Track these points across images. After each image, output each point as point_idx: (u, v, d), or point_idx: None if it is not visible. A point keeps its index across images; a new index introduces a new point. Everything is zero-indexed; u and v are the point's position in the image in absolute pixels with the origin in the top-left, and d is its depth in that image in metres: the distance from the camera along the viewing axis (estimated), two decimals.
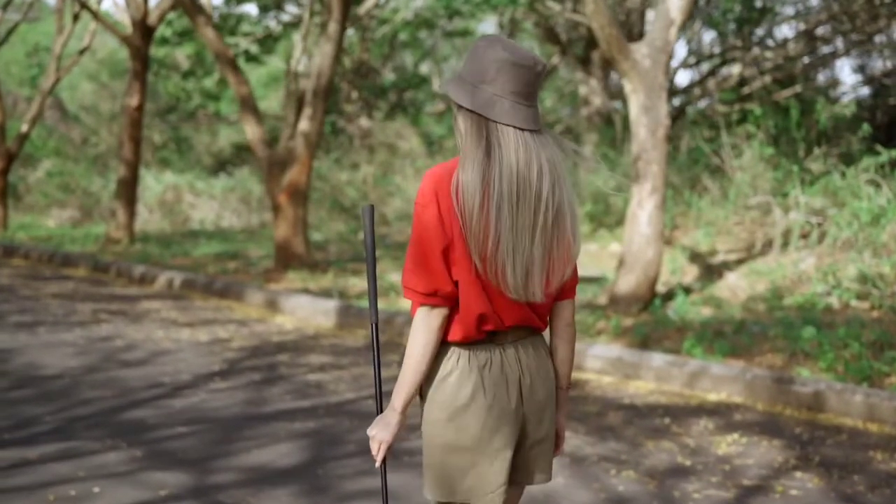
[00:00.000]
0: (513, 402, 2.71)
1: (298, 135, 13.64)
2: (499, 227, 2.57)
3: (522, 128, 2.61)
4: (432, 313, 2.66)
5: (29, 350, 8.70)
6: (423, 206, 2.63)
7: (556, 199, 2.63)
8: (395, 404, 2.72)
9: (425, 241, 2.62)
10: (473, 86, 2.63)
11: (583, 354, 8.29)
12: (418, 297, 2.65)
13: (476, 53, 2.65)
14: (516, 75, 2.60)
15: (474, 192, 2.55)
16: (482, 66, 2.63)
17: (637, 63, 10.18)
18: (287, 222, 13.71)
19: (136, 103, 17.45)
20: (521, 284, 2.62)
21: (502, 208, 2.56)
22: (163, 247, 17.00)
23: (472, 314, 2.65)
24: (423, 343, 2.67)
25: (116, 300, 11.91)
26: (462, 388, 2.68)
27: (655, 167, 10.18)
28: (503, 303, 2.67)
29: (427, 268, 2.62)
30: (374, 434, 2.74)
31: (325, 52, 13.44)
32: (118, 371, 7.94)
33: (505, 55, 2.60)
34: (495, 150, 2.58)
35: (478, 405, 2.67)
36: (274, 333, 9.99)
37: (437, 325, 2.67)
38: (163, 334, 9.70)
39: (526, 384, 2.74)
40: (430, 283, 2.63)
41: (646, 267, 10.17)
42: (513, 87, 2.61)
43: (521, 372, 2.74)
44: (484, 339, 2.72)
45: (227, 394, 7.23)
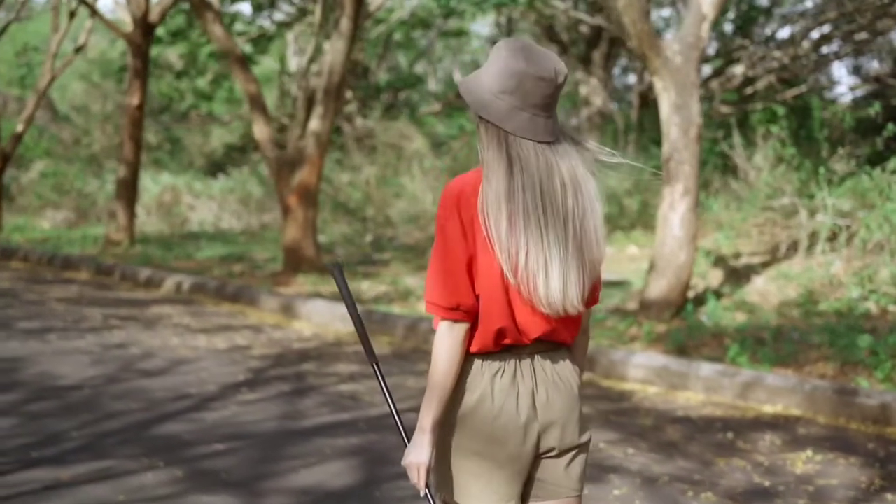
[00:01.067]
0: (522, 416, 2.63)
1: (309, 134, 13.28)
2: (528, 241, 2.53)
3: (540, 140, 2.58)
4: (455, 327, 2.60)
5: (42, 358, 8.32)
6: (445, 218, 2.58)
7: (581, 207, 2.59)
8: (423, 424, 2.63)
9: (447, 255, 2.58)
10: (494, 95, 2.57)
11: (624, 363, 7.95)
12: (440, 311, 2.59)
13: (498, 61, 2.59)
14: (537, 88, 2.56)
15: (499, 205, 2.52)
16: (503, 77, 2.57)
17: (668, 60, 9.85)
18: (297, 224, 13.34)
19: (136, 102, 17.06)
20: (559, 298, 2.56)
21: (530, 221, 2.53)
22: (164, 249, 16.61)
23: (491, 328, 2.60)
24: (448, 359, 2.60)
25: (125, 305, 11.52)
26: (470, 392, 2.63)
27: (687, 168, 9.85)
28: (528, 317, 2.61)
29: (449, 281, 2.57)
30: (409, 461, 2.65)
31: (336, 49, 13.08)
32: (139, 381, 7.57)
33: (527, 67, 2.55)
34: (516, 164, 2.55)
35: (483, 412, 2.62)
36: (294, 340, 9.62)
37: (461, 340, 2.60)
38: (178, 341, 9.33)
39: (540, 398, 2.65)
40: (452, 297, 2.57)
41: (678, 271, 9.83)
42: (532, 100, 2.56)
43: (535, 385, 2.66)
44: (500, 350, 2.65)
45: (259, 406, 6.87)
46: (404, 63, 33.58)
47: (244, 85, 13.60)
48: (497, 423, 2.61)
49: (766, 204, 13.22)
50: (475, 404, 2.62)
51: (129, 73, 17.21)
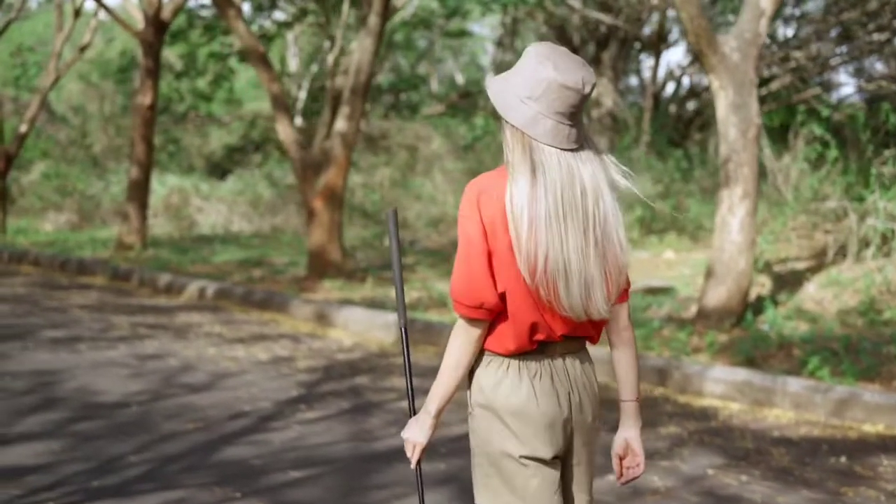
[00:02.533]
0: (563, 415, 2.67)
1: (335, 135, 12.80)
2: (547, 246, 2.55)
3: (563, 148, 2.58)
4: (471, 326, 2.65)
5: (77, 371, 7.83)
6: (466, 217, 2.61)
7: (602, 214, 2.60)
8: (429, 408, 2.73)
9: (470, 253, 2.61)
10: (520, 100, 2.59)
11: (701, 377, 7.49)
12: (465, 309, 2.62)
13: (527, 66, 2.60)
14: (562, 97, 2.57)
15: (522, 208, 2.54)
16: (530, 83, 2.58)
17: (725, 57, 9.40)
18: (322, 228, 12.86)
19: (148, 102, 16.55)
20: (581, 304, 2.59)
21: (551, 227, 2.55)
22: (178, 253, 16.10)
23: (524, 324, 2.63)
24: (462, 352, 2.67)
25: (150, 312, 11.03)
26: (513, 396, 2.64)
27: (747, 170, 9.41)
28: (550, 314, 2.63)
29: (473, 280, 2.60)
30: (408, 437, 2.75)
31: (364, 47, 12.61)
32: (186, 397, 7.08)
33: (554, 76, 2.55)
34: (539, 169, 2.56)
35: (530, 413, 2.63)
36: (336, 351, 9.15)
37: (477, 336, 2.65)
38: (215, 351, 8.85)
39: (575, 401, 2.70)
40: (476, 295, 2.60)
41: (737, 278, 9.39)
42: (557, 108, 2.57)
43: (571, 387, 2.70)
44: (535, 350, 2.67)
45: (323, 426, 6.39)
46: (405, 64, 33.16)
47: (267, 84, 13.12)
48: (543, 422, 2.63)
49: (807, 207, 12.80)
50: (522, 407, 2.63)
51: (141, 73, 16.69)
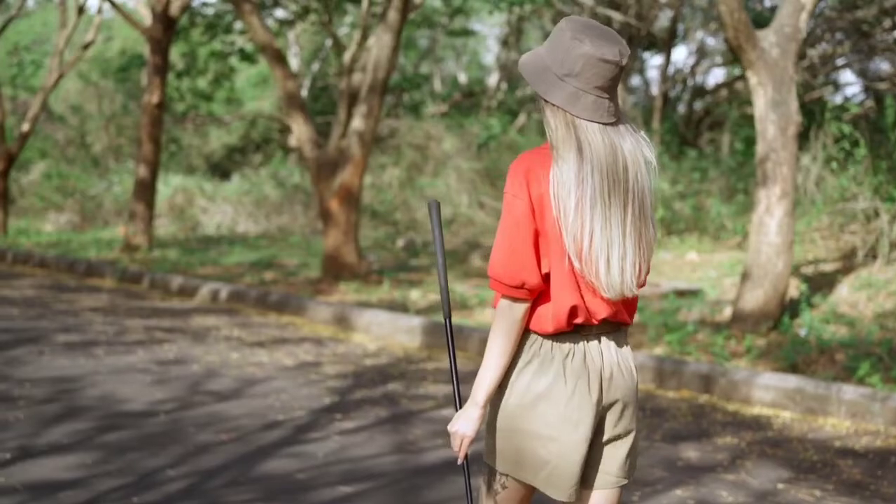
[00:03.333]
0: (594, 396, 2.61)
1: (352, 133, 12.50)
2: (593, 226, 2.53)
3: (604, 122, 2.57)
4: (515, 305, 2.60)
5: (97, 378, 7.52)
6: (514, 195, 2.57)
7: (640, 188, 2.59)
8: (476, 398, 2.65)
9: (515, 232, 2.57)
10: (558, 77, 2.57)
11: (748, 384, 7.20)
12: (504, 288, 2.58)
13: (562, 43, 2.57)
14: (602, 71, 2.55)
15: (569, 189, 2.52)
16: (569, 59, 2.55)
17: (764, 52, 9.12)
18: (338, 229, 12.55)
19: (156, 100, 16.26)
20: (618, 282, 2.57)
21: (596, 206, 2.53)
22: (185, 254, 15.80)
23: (564, 306, 2.59)
24: (506, 336, 2.62)
25: (164, 315, 10.72)
26: (542, 376, 2.62)
27: (786, 169, 9.12)
28: (594, 298, 2.61)
29: (516, 259, 2.57)
30: (455, 430, 2.68)
31: (383, 43, 12.30)
32: (216, 405, 6.78)
33: (593, 51, 2.53)
34: (585, 147, 2.54)
35: (558, 394, 2.60)
36: (361, 356, 8.85)
37: (520, 317, 2.61)
38: (238, 357, 8.55)
39: (606, 377, 2.64)
40: (518, 275, 2.57)
41: (775, 281, 9.10)
42: (597, 83, 2.55)
43: (603, 364, 2.64)
44: (571, 331, 2.64)
45: (364, 437, 6.08)
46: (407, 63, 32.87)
47: (282, 81, 12.81)
48: (571, 404, 2.59)
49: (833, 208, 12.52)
50: (548, 387, 2.60)
51: (148, 70, 16.40)
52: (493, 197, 16.30)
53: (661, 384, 7.68)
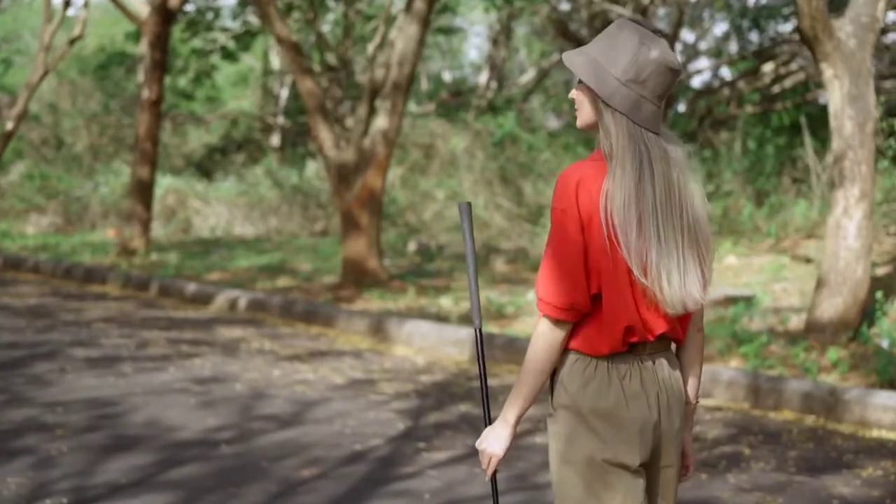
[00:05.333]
0: (653, 419, 2.50)
1: (375, 132, 11.77)
2: (653, 239, 2.42)
3: (657, 132, 2.48)
4: (557, 328, 2.47)
5: (136, 400, 6.78)
6: (563, 211, 2.44)
7: (690, 196, 2.49)
8: (507, 417, 2.54)
9: (564, 251, 2.45)
10: (621, 83, 2.44)
11: (861, 404, 6.55)
12: (551, 309, 2.45)
13: (626, 47, 2.44)
14: (666, 79, 2.46)
15: (630, 204, 2.40)
16: (636, 65, 2.44)
17: (841, 43, 8.49)
18: (359, 233, 11.82)
19: (154, 97, 15.44)
20: (680, 296, 2.45)
21: (657, 219, 2.43)
22: (186, 258, 15.00)
23: (619, 326, 2.46)
24: (545, 357, 2.50)
25: (184, 326, 9.97)
26: (602, 398, 2.47)
27: (864, 168, 8.49)
28: (652, 314, 2.47)
29: (565, 279, 2.44)
30: (483, 448, 2.57)
31: (409, 35, 11.59)
32: (279, 433, 6.06)
33: (661, 58, 2.45)
34: (646, 158, 2.44)
35: (620, 416, 2.47)
36: (413, 372, 8.14)
37: (562, 339, 2.49)
38: (280, 373, 7.83)
39: (664, 402, 2.53)
40: (568, 296, 2.44)
41: (854, 288, 8.46)
42: (659, 91, 2.46)
43: (660, 388, 2.52)
44: (625, 351, 2.50)
45: (465, 472, 5.37)
46: None
47: (300, 78, 12.03)
48: (633, 427, 2.48)
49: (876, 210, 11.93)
50: (612, 409, 2.48)
51: (146, 65, 15.58)
52: (509, 198, 15.62)
53: (756, 403, 7.02)
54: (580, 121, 2.57)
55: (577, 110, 2.58)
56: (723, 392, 7.20)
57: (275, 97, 30.91)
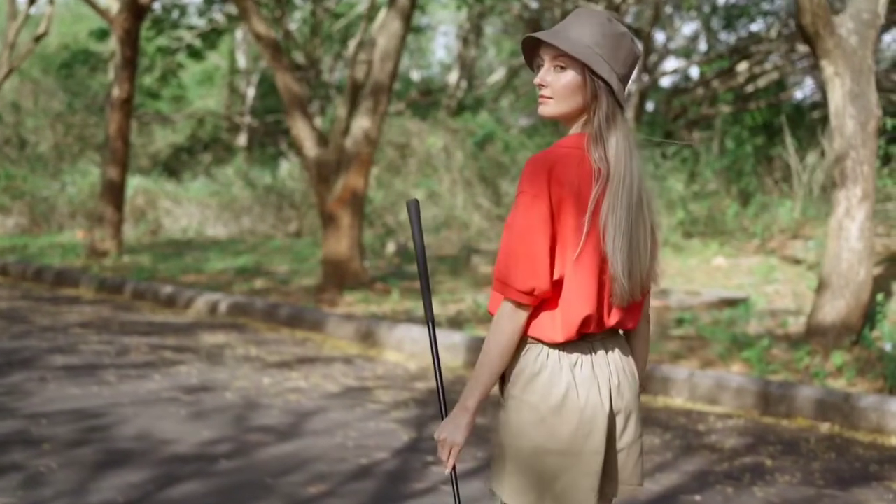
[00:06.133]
0: (605, 404, 2.49)
1: (357, 131, 11.48)
2: (622, 224, 2.44)
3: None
4: (519, 312, 2.45)
5: (123, 411, 6.47)
6: (534, 195, 2.41)
7: (646, 188, 2.52)
8: (467, 403, 2.49)
9: (532, 234, 2.41)
10: (613, 73, 2.48)
11: (880, 411, 6.36)
12: (513, 293, 2.43)
13: (615, 38, 2.49)
14: (633, 70, 2.54)
15: (619, 191, 2.44)
16: (624, 56, 2.50)
17: (842, 40, 8.31)
18: (341, 234, 11.54)
19: (126, 95, 15.09)
20: (629, 284, 2.47)
21: (623, 207, 2.44)
22: (159, 260, 14.66)
23: (578, 314, 2.45)
24: (506, 342, 2.47)
25: (165, 331, 9.64)
26: (554, 387, 2.47)
27: (867, 168, 8.32)
28: (608, 303, 2.49)
29: (530, 263, 2.41)
30: (443, 437, 2.50)
31: (391, 32, 11.31)
32: (279, 446, 5.78)
33: (636, 49, 2.53)
34: (633, 143, 2.50)
35: (571, 405, 2.46)
36: (408, 379, 7.88)
37: (522, 325, 2.47)
38: (270, 381, 7.54)
39: (615, 385, 2.52)
40: (530, 280, 2.41)
41: (857, 290, 8.29)
42: (630, 80, 2.53)
43: (611, 373, 2.52)
44: (577, 339, 2.50)
45: (478, 487, 5.11)
46: None
47: (280, 75, 11.71)
48: (585, 415, 2.46)
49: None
50: (562, 399, 2.46)
51: (117, 62, 15.20)
52: (489, 199, 15.37)
53: (766, 410, 6.81)
54: (560, 108, 2.52)
55: (549, 98, 2.52)
56: (731, 399, 6.99)
57: (242, 96, 30.55)
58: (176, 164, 28.94)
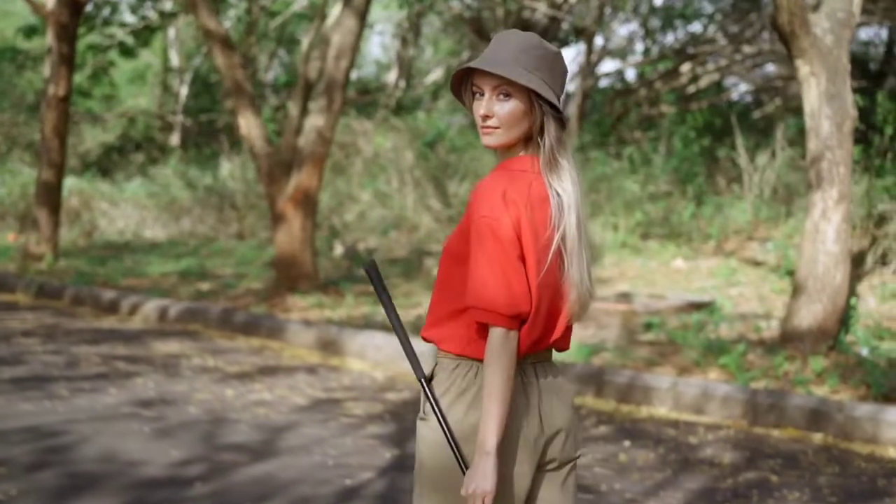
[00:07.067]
0: (533, 429, 2.46)
1: (310, 130, 11.11)
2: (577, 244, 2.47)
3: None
4: (511, 336, 2.38)
5: (82, 428, 6.05)
6: (497, 219, 2.38)
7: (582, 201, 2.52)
8: (487, 447, 2.34)
9: (505, 258, 2.38)
10: (554, 93, 2.47)
11: (875, 421, 6.16)
12: (503, 320, 2.36)
13: (550, 60, 2.48)
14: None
15: (570, 206, 2.45)
16: (559, 76, 2.50)
17: (817, 40, 8.14)
18: (292, 235, 11.15)
19: (62, 93, 14.49)
20: (586, 301, 2.50)
21: (581, 224, 2.48)
22: (96, 264, 14.12)
23: (531, 337, 2.44)
24: (510, 369, 2.37)
25: (114, 340, 9.19)
26: (479, 407, 2.41)
27: (843, 169, 8.16)
28: (554, 323, 2.50)
29: (513, 288, 2.37)
30: (473, 490, 2.32)
31: (346, 29, 10.95)
32: (254, 466, 5.42)
33: (566, 67, 2.54)
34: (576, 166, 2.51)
35: (507, 430, 2.39)
36: (377, 390, 7.55)
37: (515, 348, 2.39)
38: (233, 393, 7.17)
39: (545, 410, 2.49)
40: (515, 304, 2.37)
41: (834, 294, 8.11)
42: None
43: (540, 395, 2.49)
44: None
45: None
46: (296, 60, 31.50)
47: (230, 71, 11.29)
48: (513, 436, 2.42)
49: None
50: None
51: (53, 59, 14.61)
52: (439, 200, 15.06)
53: (755, 420, 6.59)
54: (507, 136, 2.48)
55: (495, 128, 2.47)
56: (718, 409, 6.76)
57: (175, 95, 29.93)
58: (107, 163, 28.24)
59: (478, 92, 2.50)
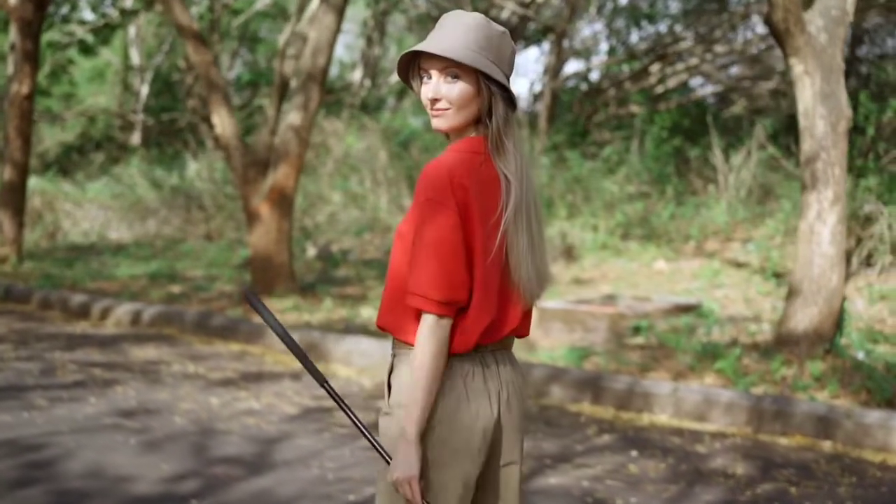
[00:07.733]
0: (493, 418, 2.44)
1: (287, 129, 10.85)
2: (524, 228, 2.43)
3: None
4: (442, 324, 2.35)
5: (65, 441, 5.78)
6: (439, 203, 2.35)
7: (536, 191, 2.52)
8: (409, 435, 2.34)
9: (445, 244, 2.34)
10: (503, 73, 2.45)
11: (887, 428, 6.01)
12: (433, 305, 2.33)
13: (498, 39, 2.45)
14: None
15: (521, 192, 2.43)
16: (507, 56, 2.48)
17: (812, 38, 8.00)
18: (268, 237, 10.89)
19: (26, 91, 14.15)
20: (535, 285, 2.47)
21: (525, 209, 2.43)
22: (62, 266, 13.78)
23: (481, 323, 2.40)
24: (438, 359, 2.35)
25: (88, 345, 8.89)
26: (444, 398, 2.39)
27: (838, 170, 8.02)
28: (508, 309, 2.47)
29: (448, 273, 2.34)
30: (398, 476, 2.34)
31: (324, 26, 10.70)
32: (251, 481, 5.17)
33: (514, 47, 2.50)
34: (526, 148, 2.51)
35: (461, 418, 2.41)
36: (366, 397, 7.31)
37: (447, 337, 2.37)
38: (219, 402, 6.91)
39: (504, 399, 2.48)
40: (449, 290, 2.34)
41: (829, 297, 7.97)
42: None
43: (501, 385, 2.48)
44: (471, 351, 2.45)
45: None
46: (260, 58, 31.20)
47: (204, 68, 11.01)
48: (476, 426, 2.41)
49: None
50: (453, 409, 2.40)
51: (17, 56, 14.25)
52: (410, 198, 14.83)
53: (760, 428, 6.42)
54: (457, 119, 2.45)
55: (445, 110, 2.44)
56: (721, 416, 6.58)
57: (135, 94, 29.50)
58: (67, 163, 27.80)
59: (425, 75, 2.47)
